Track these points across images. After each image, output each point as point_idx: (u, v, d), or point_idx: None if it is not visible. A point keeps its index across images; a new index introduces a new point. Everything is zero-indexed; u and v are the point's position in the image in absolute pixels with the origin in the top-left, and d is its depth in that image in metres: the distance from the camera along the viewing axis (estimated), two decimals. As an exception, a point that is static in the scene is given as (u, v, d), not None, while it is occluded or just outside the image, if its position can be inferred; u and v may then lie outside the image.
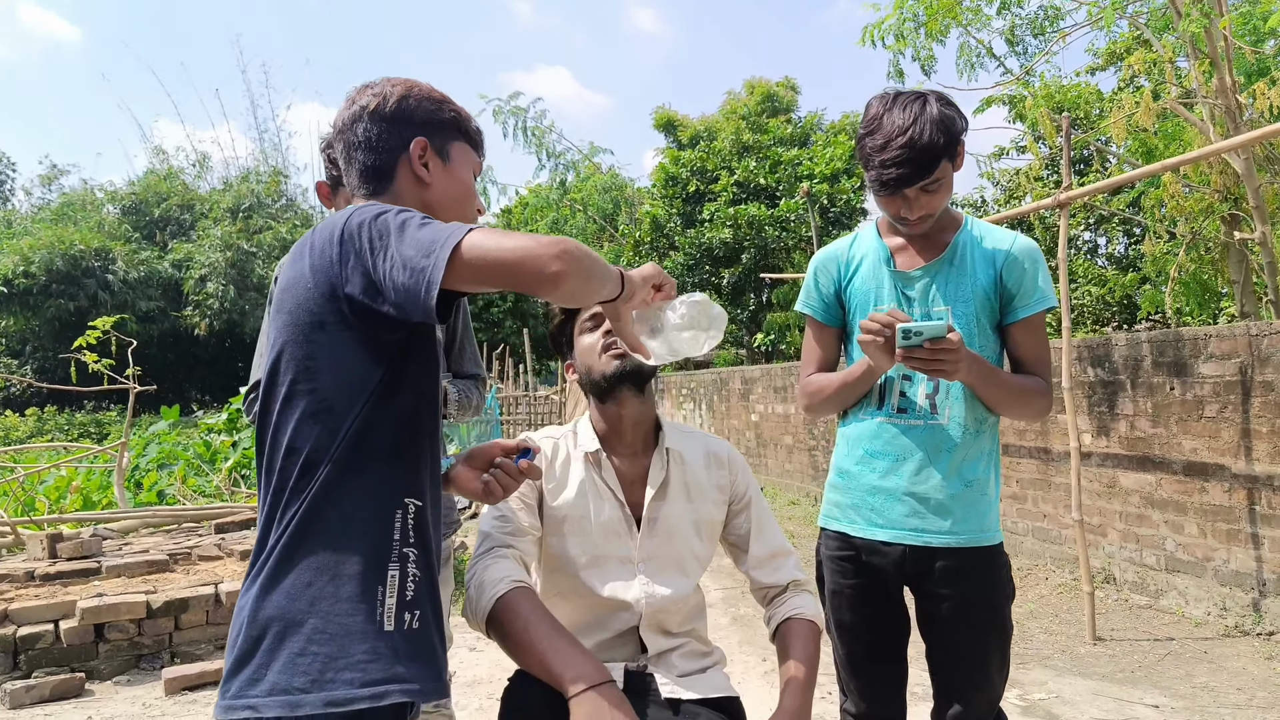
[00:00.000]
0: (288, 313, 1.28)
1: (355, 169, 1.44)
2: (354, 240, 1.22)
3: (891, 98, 1.89)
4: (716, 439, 1.98)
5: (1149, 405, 5.08)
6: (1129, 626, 4.71)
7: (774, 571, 1.90)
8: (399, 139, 1.42)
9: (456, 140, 1.49)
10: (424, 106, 1.45)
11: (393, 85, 1.45)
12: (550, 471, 1.82)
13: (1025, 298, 1.96)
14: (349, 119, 1.44)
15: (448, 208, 1.46)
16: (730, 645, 4.61)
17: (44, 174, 42.02)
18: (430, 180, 1.44)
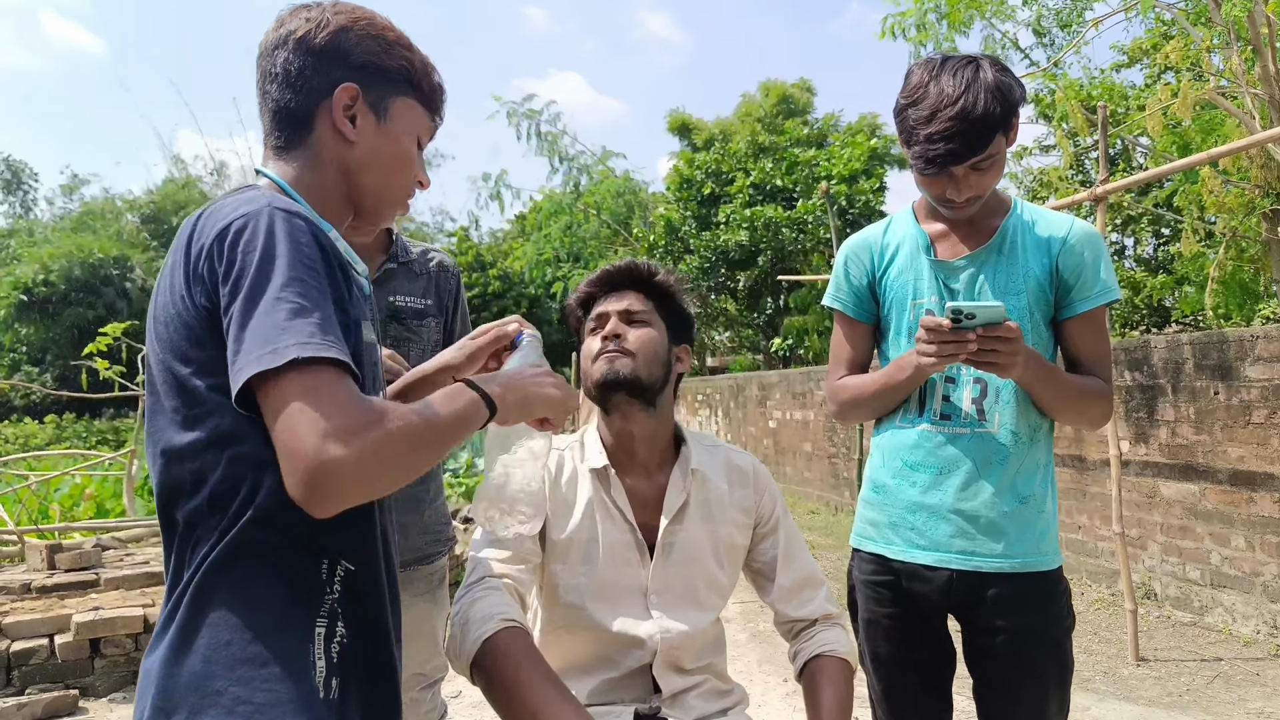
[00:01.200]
0: (161, 323, 1.06)
1: (268, 108, 1.16)
2: (210, 260, 0.99)
3: (939, 63, 1.66)
4: (740, 452, 1.77)
5: (1191, 411, 4.82)
6: (1173, 646, 4.45)
7: (803, 604, 1.68)
8: (325, 79, 1.14)
9: (402, 95, 1.20)
10: (365, 45, 1.16)
11: (336, 11, 1.17)
12: (554, 489, 1.61)
13: (1085, 289, 1.74)
14: (270, 43, 1.16)
15: (373, 176, 1.18)
16: (749, 664, 4.39)
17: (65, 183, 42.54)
18: (355, 139, 1.16)
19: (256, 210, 0.99)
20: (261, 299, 0.93)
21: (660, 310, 1.67)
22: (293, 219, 1.00)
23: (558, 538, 1.58)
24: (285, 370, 0.90)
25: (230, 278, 0.96)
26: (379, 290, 2.14)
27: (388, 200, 1.22)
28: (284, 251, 0.96)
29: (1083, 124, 5.94)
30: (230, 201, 1.05)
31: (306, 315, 0.93)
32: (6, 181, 43.92)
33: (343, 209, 1.20)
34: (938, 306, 1.77)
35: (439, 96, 1.25)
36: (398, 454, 0.94)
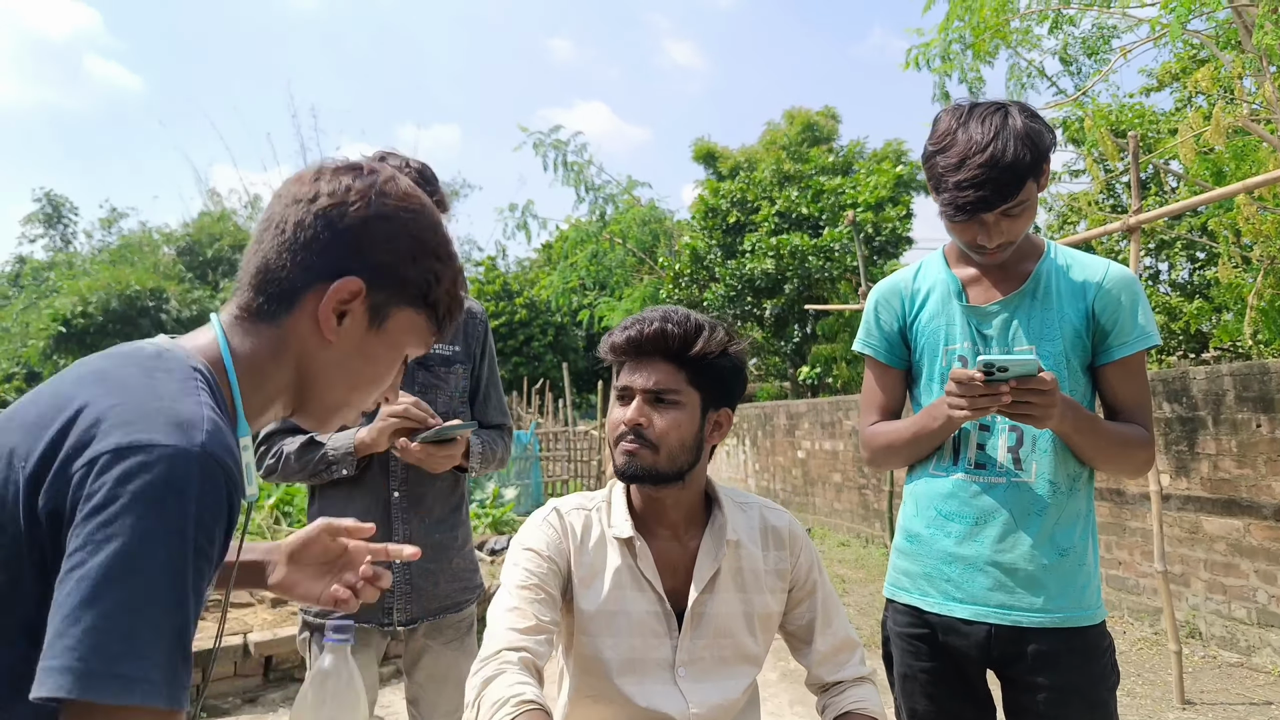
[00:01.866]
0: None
1: (256, 260, 0.96)
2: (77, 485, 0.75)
3: (967, 109, 1.64)
4: (776, 510, 1.65)
5: (1233, 444, 4.70)
6: (1220, 688, 4.31)
7: (838, 669, 1.61)
8: (333, 263, 0.94)
9: (409, 308, 1.00)
10: (396, 245, 0.97)
11: (386, 194, 0.97)
12: (581, 553, 1.51)
13: (1123, 335, 1.69)
14: (294, 193, 0.96)
15: (333, 386, 0.99)
16: (780, 704, 4.31)
17: (104, 217, 43.47)
18: (334, 339, 0.96)
19: (184, 450, 0.76)
20: (126, 577, 0.72)
21: (695, 380, 1.48)
22: (217, 481, 0.78)
23: (586, 608, 1.49)
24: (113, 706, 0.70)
25: (95, 517, 0.73)
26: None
27: (340, 410, 1.03)
28: (182, 529, 0.75)
29: (1113, 150, 5.87)
30: (160, 388, 0.82)
31: (163, 635, 0.73)
32: (48, 215, 45.02)
33: (279, 408, 1.01)
34: (970, 353, 1.74)
35: (453, 317, 1.06)
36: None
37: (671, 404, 1.46)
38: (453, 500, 2.16)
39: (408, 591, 2.08)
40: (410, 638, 2.15)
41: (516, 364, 24.06)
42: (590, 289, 19.68)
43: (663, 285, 16.69)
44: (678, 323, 1.46)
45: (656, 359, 1.47)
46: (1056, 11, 6.69)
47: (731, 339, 1.51)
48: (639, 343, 1.47)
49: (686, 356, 1.46)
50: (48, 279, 37.21)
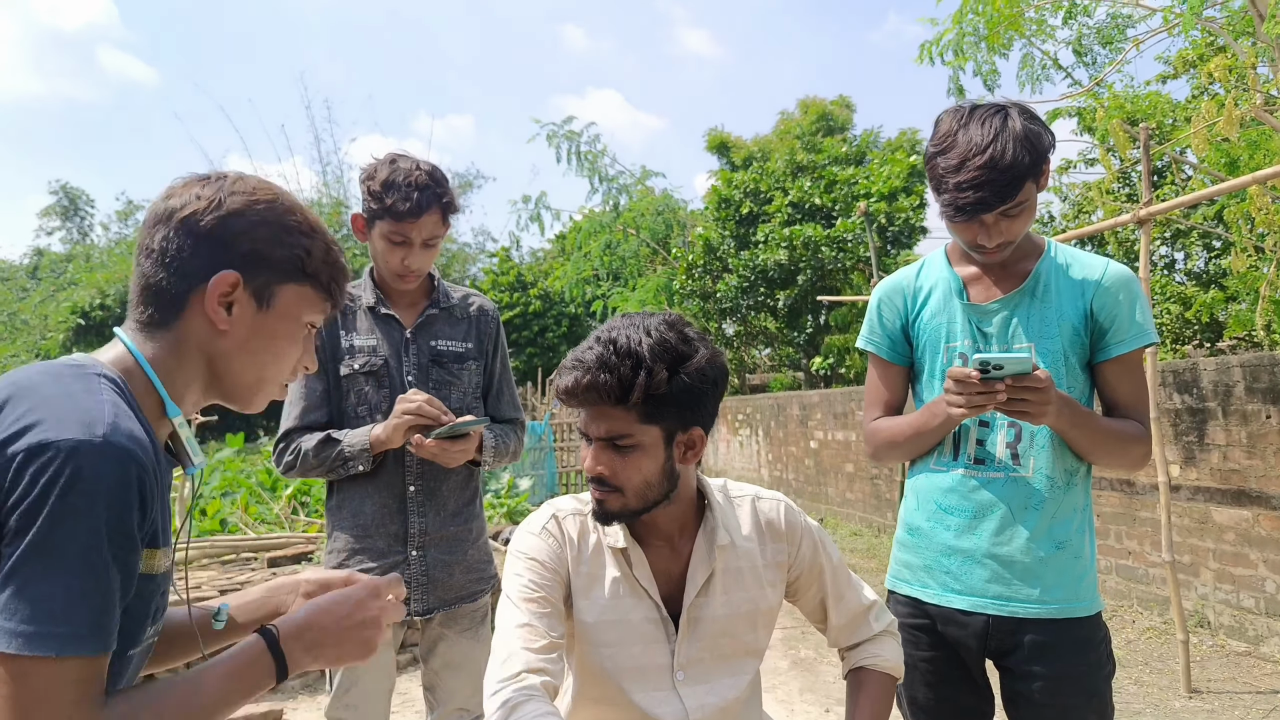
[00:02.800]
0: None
1: (138, 281, 1.07)
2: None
3: (967, 111, 1.68)
4: (771, 501, 1.63)
5: (1243, 434, 4.71)
6: (1228, 677, 4.34)
7: (855, 632, 1.64)
8: (205, 264, 1.05)
9: (291, 283, 1.10)
10: (257, 233, 1.07)
11: (234, 193, 1.07)
12: (579, 562, 1.51)
13: (1120, 333, 1.73)
14: (154, 216, 1.06)
15: (243, 365, 1.09)
16: (790, 692, 4.37)
17: (120, 209, 43.76)
18: (228, 328, 1.07)
19: (85, 440, 0.88)
20: (45, 557, 0.84)
21: (649, 416, 1.38)
22: (124, 465, 0.89)
23: (586, 619, 1.50)
24: (35, 658, 0.84)
25: (22, 509, 0.85)
26: (421, 335, 2.21)
27: (258, 388, 1.13)
28: (93, 509, 0.86)
29: (1124, 142, 5.86)
30: (65, 391, 0.93)
31: (83, 594, 0.86)
32: (64, 208, 45.40)
33: (203, 392, 1.12)
34: (971, 350, 1.78)
35: (339, 282, 1.16)
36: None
37: (628, 448, 1.39)
38: (467, 494, 2.23)
39: (424, 583, 2.14)
40: (426, 627, 2.22)
41: (531, 354, 24.15)
42: (604, 279, 19.72)
43: (676, 276, 16.70)
44: (613, 368, 1.34)
45: (602, 406, 1.38)
46: (1070, 1, 6.66)
47: (682, 361, 1.38)
48: (576, 394, 1.37)
49: (629, 401, 1.35)
50: (65, 271, 37.56)
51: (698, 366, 1.40)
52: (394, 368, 2.17)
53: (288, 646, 1.04)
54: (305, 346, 1.16)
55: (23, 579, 0.84)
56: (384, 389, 2.15)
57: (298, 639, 1.05)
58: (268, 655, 1.03)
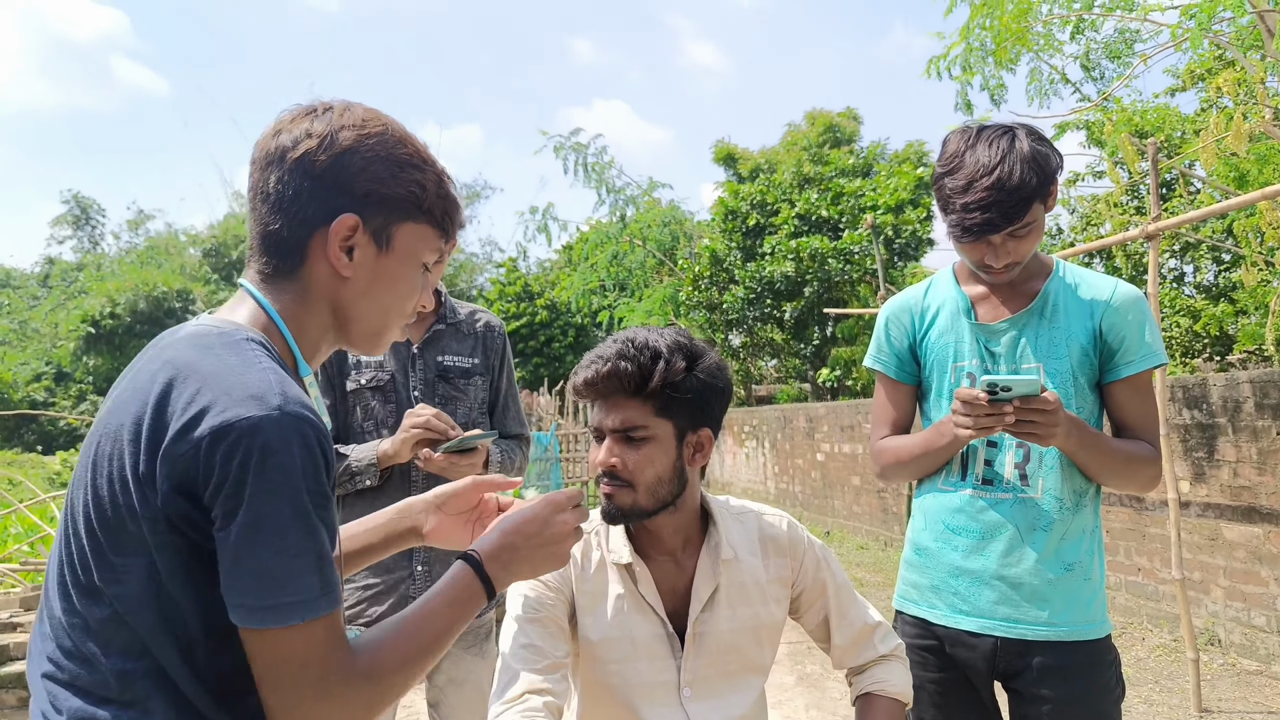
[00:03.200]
0: (100, 473, 0.93)
1: (256, 229, 1.03)
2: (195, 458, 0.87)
3: (975, 133, 1.68)
4: (774, 517, 1.64)
5: (1253, 451, 4.68)
6: (1238, 696, 4.30)
7: (860, 654, 1.64)
8: (322, 208, 1.00)
9: (409, 221, 1.06)
10: (373, 170, 1.02)
11: (344, 126, 1.02)
12: (583, 580, 1.52)
13: (1129, 353, 1.72)
14: (265, 155, 1.02)
15: (367, 309, 1.07)
16: (796, 709, 4.34)
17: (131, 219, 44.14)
18: (351, 273, 1.03)
19: (266, 416, 0.88)
20: (264, 534, 0.87)
21: (663, 410, 1.43)
22: (305, 432, 0.90)
23: (591, 637, 1.49)
24: (284, 629, 0.88)
25: (225, 492, 0.87)
26: (428, 350, 2.21)
27: (382, 333, 1.11)
28: (292, 480, 0.88)
29: (1133, 156, 5.85)
30: (227, 366, 0.92)
31: (307, 560, 0.89)
32: (76, 217, 45.73)
33: (329, 341, 1.10)
34: (978, 370, 1.78)
35: (453, 216, 1.12)
36: (388, 700, 0.96)
37: (641, 440, 1.42)
38: (473, 510, 2.22)
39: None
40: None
41: (537, 365, 24.17)
42: (610, 290, 19.73)
43: (682, 287, 16.71)
44: (631, 358, 1.40)
45: (619, 397, 1.42)
46: (1078, 16, 6.66)
47: (697, 358, 1.45)
48: (596, 385, 1.42)
49: (646, 390, 1.41)
50: (76, 280, 37.81)
51: (709, 367, 1.46)
52: (400, 383, 2.17)
53: (491, 569, 1.08)
54: (423, 286, 1.13)
55: (249, 558, 0.87)
56: (390, 404, 2.15)
57: (497, 560, 1.09)
58: (476, 580, 1.07)
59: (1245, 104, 6.13)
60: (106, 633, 0.92)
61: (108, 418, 0.95)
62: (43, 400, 30.79)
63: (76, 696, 0.92)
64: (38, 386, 31.35)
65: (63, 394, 31.25)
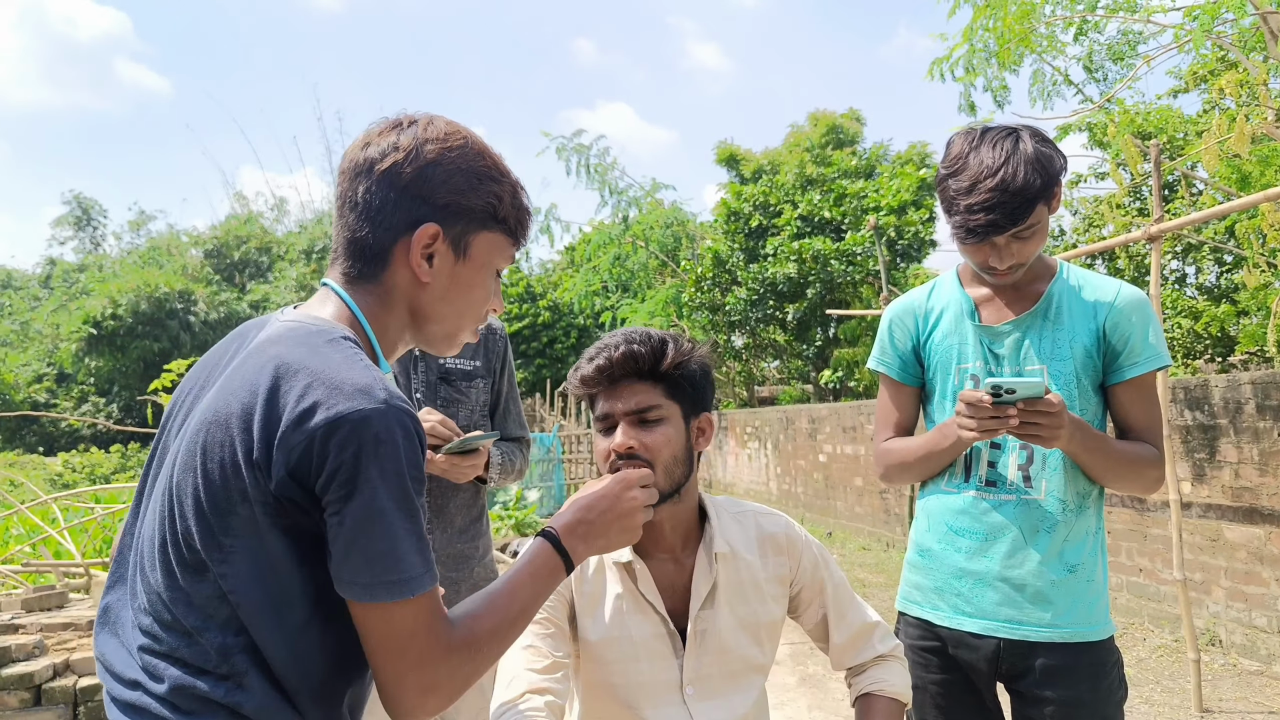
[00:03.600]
0: (210, 458, 1.01)
1: (343, 235, 1.10)
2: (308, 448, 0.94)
3: (979, 134, 1.68)
4: (772, 515, 1.65)
5: (1254, 452, 4.68)
6: (1239, 696, 4.29)
7: (858, 654, 1.64)
8: (406, 217, 1.07)
9: (485, 230, 1.13)
10: (454, 183, 1.08)
11: (428, 140, 1.08)
12: (582, 581, 1.53)
13: (1133, 355, 1.73)
14: (354, 166, 1.09)
15: (443, 315, 1.14)
16: (799, 709, 4.34)
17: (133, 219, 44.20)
18: (430, 280, 1.10)
19: (375, 409, 0.95)
20: (377, 517, 0.94)
21: (672, 392, 1.47)
22: (407, 424, 0.97)
23: (590, 637, 1.50)
24: (396, 604, 0.96)
25: (339, 479, 0.94)
26: (430, 353, 2.21)
27: (456, 336, 1.18)
28: (398, 468, 0.96)
29: (1136, 158, 5.85)
30: (333, 364, 0.98)
31: (411, 540, 0.96)
32: (77, 218, 45.80)
33: (405, 341, 1.17)
34: (982, 371, 1.78)
35: (525, 225, 1.18)
36: (483, 668, 1.03)
37: (656, 421, 1.46)
38: (474, 511, 2.23)
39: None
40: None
41: (540, 366, 24.18)
42: (613, 291, 19.74)
43: (685, 288, 16.71)
44: (642, 341, 1.46)
45: (630, 381, 1.46)
46: (1081, 18, 6.66)
47: (695, 345, 1.52)
48: (609, 370, 1.46)
49: (659, 372, 1.46)
50: (78, 281, 37.83)
51: (703, 355, 1.53)
52: (402, 385, 2.17)
53: (568, 542, 1.15)
54: (494, 290, 1.19)
55: (364, 539, 0.94)
56: None
57: (574, 533, 1.16)
58: (555, 554, 1.13)
59: (1248, 106, 6.13)
60: (209, 608, 0.99)
61: (215, 405, 1.01)
62: (44, 401, 30.83)
63: (174, 667, 0.98)
64: (39, 388, 31.39)
65: (64, 395, 31.28)
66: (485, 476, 2.18)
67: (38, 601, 5.11)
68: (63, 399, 31.09)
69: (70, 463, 19.29)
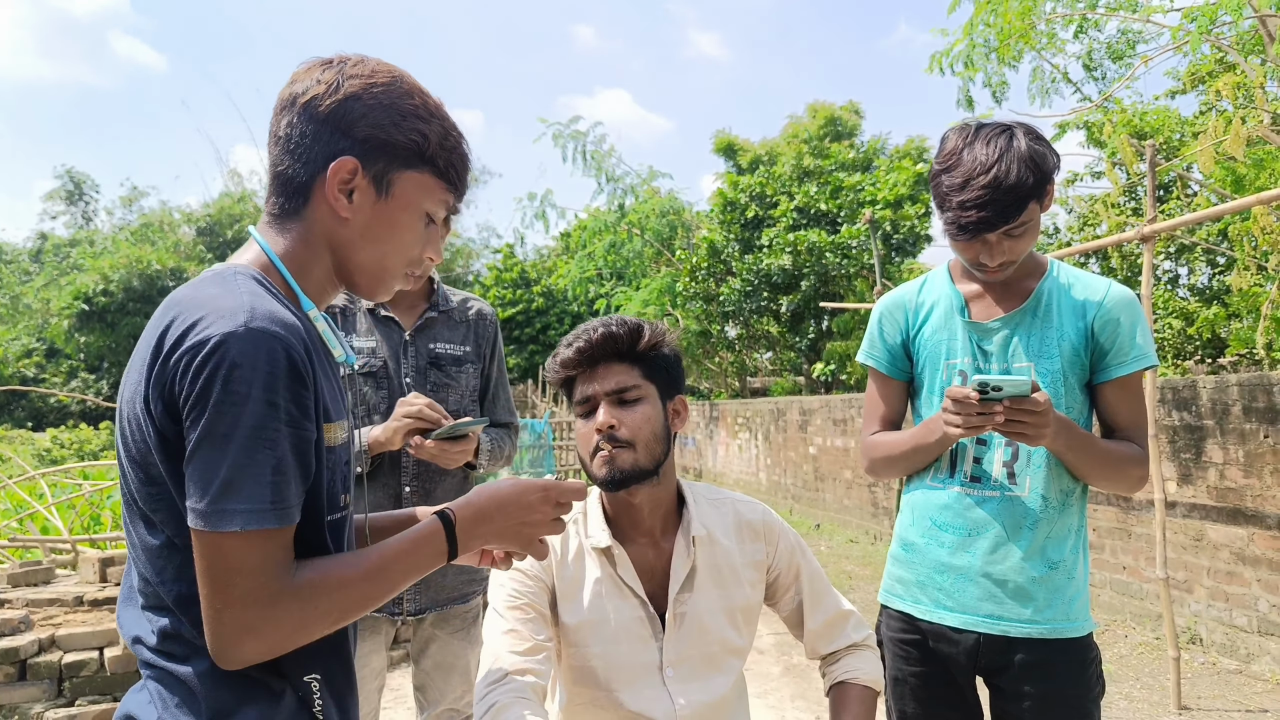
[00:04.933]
0: (123, 413, 1.03)
1: (271, 170, 1.10)
2: (171, 381, 0.94)
3: (973, 130, 1.68)
4: (750, 503, 1.69)
5: (1240, 453, 4.71)
6: (1217, 694, 4.34)
7: (831, 641, 1.68)
8: (325, 150, 1.06)
9: (411, 169, 1.09)
10: (373, 116, 1.06)
11: (353, 75, 1.07)
12: (562, 567, 1.56)
13: (1120, 355, 1.73)
14: (280, 102, 1.08)
15: (365, 254, 1.10)
16: (782, 698, 4.37)
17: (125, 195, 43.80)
18: (349, 215, 1.08)
19: (232, 332, 0.93)
20: (220, 441, 0.92)
21: (649, 373, 1.53)
22: (271, 345, 0.94)
23: (570, 621, 1.53)
24: (223, 533, 0.92)
25: (191, 403, 0.93)
26: (420, 337, 2.21)
27: (382, 278, 1.14)
28: (252, 391, 0.93)
29: (1132, 158, 5.86)
30: (208, 295, 0.99)
31: (259, 470, 0.93)
32: (69, 192, 45.44)
33: (332, 284, 1.14)
34: (970, 367, 1.79)
35: (458, 169, 1.14)
36: (317, 621, 0.98)
37: (636, 400, 1.50)
38: (462, 495, 2.23)
39: (417, 583, 2.15)
40: (418, 627, 2.22)
41: (533, 352, 24.16)
42: (607, 279, 19.71)
43: (679, 277, 16.70)
44: (619, 324, 1.51)
45: (609, 362, 1.51)
46: (1081, 16, 6.66)
47: (667, 329, 1.57)
48: (589, 351, 1.50)
49: (636, 352, 1.51)
50: (69, 256, 37.60)
51: (674, 340, 1.58)
52: (392, 369, 2.17)
53: (461, 534, 1.11)
54: (429, 238, 1.16)
55: (204, 464, 0.92)
56: (382, 390, 2.16)
57: (471, 523, 1.12)
58: (443, 538, 1.09)
59: (1244, 108, 6.15)
60: (164, 557, 1.00)
61: (131, 359, 1.03)
62: (33, 376, 30.69)
63: (161, 615, 1.01)
64: (29, 363, 31.24)
65: (53, 370, 31.15)
66: (474, 462, 2.18)
67: (24, 577, 5.11)
68: (51, 374, 30.96)
69: (59, 438, 19.20)
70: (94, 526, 7.57)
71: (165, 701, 1.00)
